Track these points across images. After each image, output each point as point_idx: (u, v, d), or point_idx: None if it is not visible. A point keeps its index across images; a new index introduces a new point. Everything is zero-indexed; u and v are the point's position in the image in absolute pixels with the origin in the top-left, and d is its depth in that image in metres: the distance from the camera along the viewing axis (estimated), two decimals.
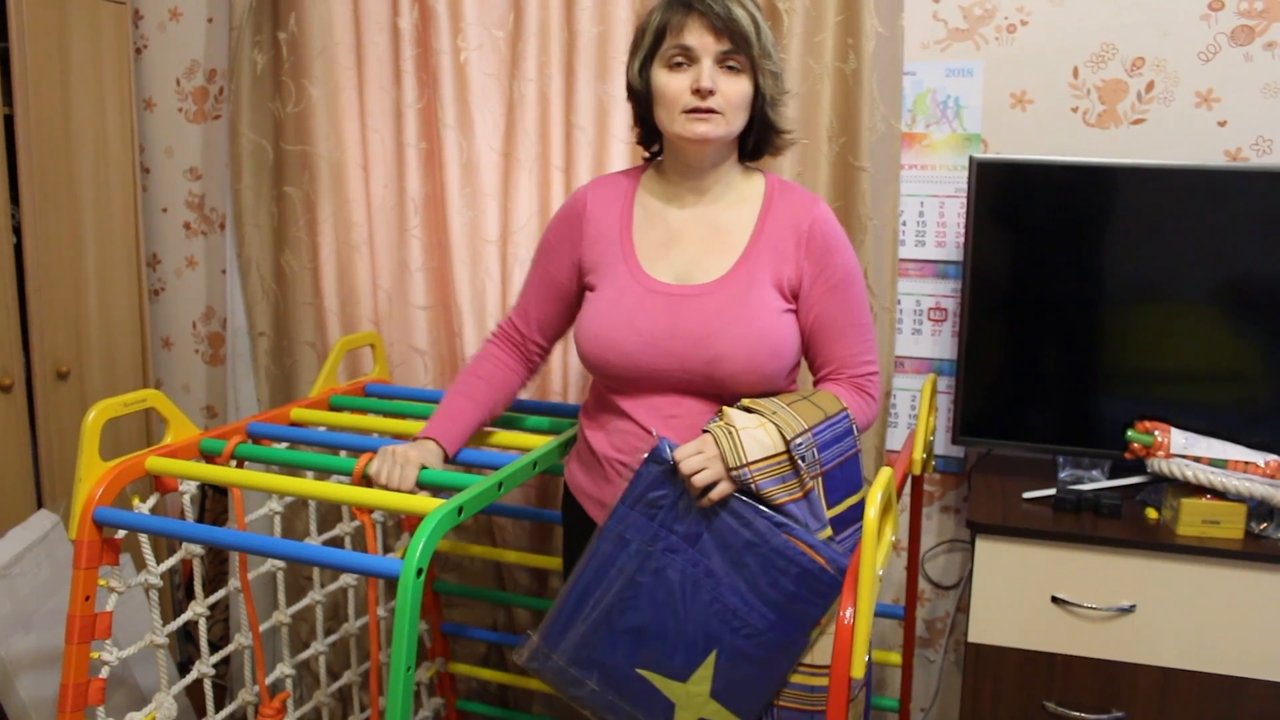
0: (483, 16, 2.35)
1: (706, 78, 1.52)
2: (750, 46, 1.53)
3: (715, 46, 1.52)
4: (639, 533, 1.51)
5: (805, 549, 1.46)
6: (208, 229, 2.83)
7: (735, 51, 1.53)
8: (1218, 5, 2.07)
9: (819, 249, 1.59)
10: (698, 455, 1.46)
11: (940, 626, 2.44)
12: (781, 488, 1.47)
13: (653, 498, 1.50)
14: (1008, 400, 2.11)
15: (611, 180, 1.74)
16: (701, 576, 1.49)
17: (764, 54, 1.55)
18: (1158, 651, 1.87)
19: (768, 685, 1.53)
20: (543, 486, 2.48)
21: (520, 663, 1.61)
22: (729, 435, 1.45)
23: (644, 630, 1.52)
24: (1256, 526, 1.85)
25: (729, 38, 1.52)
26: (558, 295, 1.75)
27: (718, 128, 1.55)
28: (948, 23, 2.21)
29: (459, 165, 2.38)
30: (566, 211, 1.74)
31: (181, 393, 2.92)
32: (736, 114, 1.56)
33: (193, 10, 2.73)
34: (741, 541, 1.48)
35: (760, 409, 1.50)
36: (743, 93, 1.55)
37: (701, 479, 1.45)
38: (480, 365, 1.81)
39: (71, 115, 2.48)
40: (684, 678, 1.53)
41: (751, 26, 1.53)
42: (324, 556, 1.49)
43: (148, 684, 2.39)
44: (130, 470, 1.68)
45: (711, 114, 1.54)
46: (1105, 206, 2.00)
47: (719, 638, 1.50)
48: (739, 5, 1.53)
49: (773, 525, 1.46)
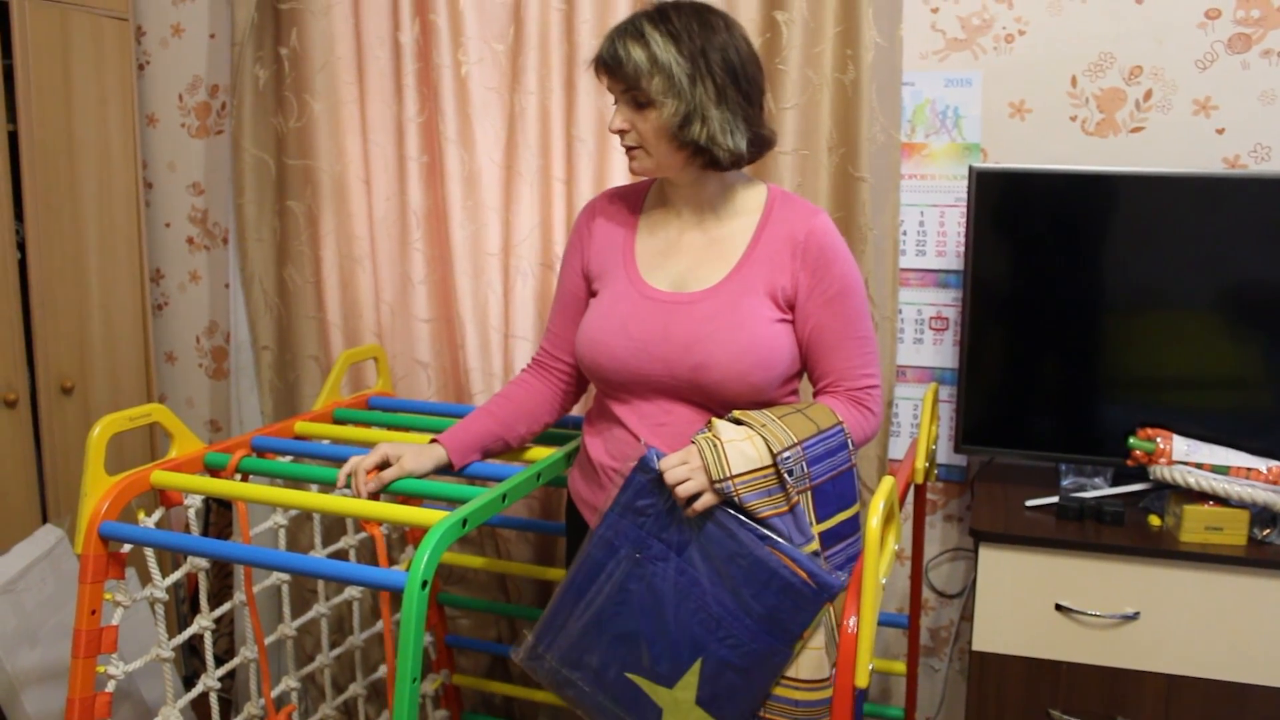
0: (483, 30, 2.37)
1: (614, 120, 1.59)
2: (642, 80, 1.53)
3: (615, 87, 1.58)
4: (627, 539, 1.52)
5: (788, 562, 1.46)
6: (211, 243, 2.84)
7: (631, 89, 1.55)
8: (1215, 14, 2.08)
9: (815, 260, 1.59)
10: (682, 466, 1.46)
11: (944, 635, 2.44)
12: (766, 501, 1.47)
13: (640, 505, 1.51)
14: (1010, 409, 2.12)
15: (622, 191, 1.77)
16: (688, 585, 1.50)
17: (663, 86, 1.52)
18: (1162, 658, 1.87)
19: (751, 696, 1.53)
20: (546, 498, 2.48)
21: (516, 660, 1.64)
22: (714, 448, 1.45)
23: (632, 635, 1.54)
24: (1259, 533, 1.86)
25: (621, 80, 1.56)
26: (577, 310, 1.76)
27: (643, 162, 1.60)
28: (946, 33, 2.22)
29: (460, 178, 2.39)
30: (577, 224, 1.79)
31: (185, 407, 2.93)
32: (655, 146, 1.57)
33: (195, 26, 2.74)
34: (725, 552, 1.48)
35: (750, 421, 1.50)
36: (652, 126, 1.56)
37: (686, 489, 1.46)
38: (507, 387, 1.84)
39: (75, 131, 2.49)
40: (670, 684, 1.53)
41: (645, 61, 1.52)
42: (329, 569, 1.50)
43: (153, 698, 2.39)
44: (135, 484, 1.69)
45: (633, 150, 1.60)
46: (1104, 215, 2.00)
47: (704, 646, 1.51)
48: (635, 42, 1.54)
49: (756, 538, 1.47)
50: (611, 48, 1.55)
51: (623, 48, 1.54)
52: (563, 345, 1.80)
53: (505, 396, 1.81)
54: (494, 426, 1.78)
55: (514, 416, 1.80)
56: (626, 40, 1.54)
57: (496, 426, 1.78)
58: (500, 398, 1.81)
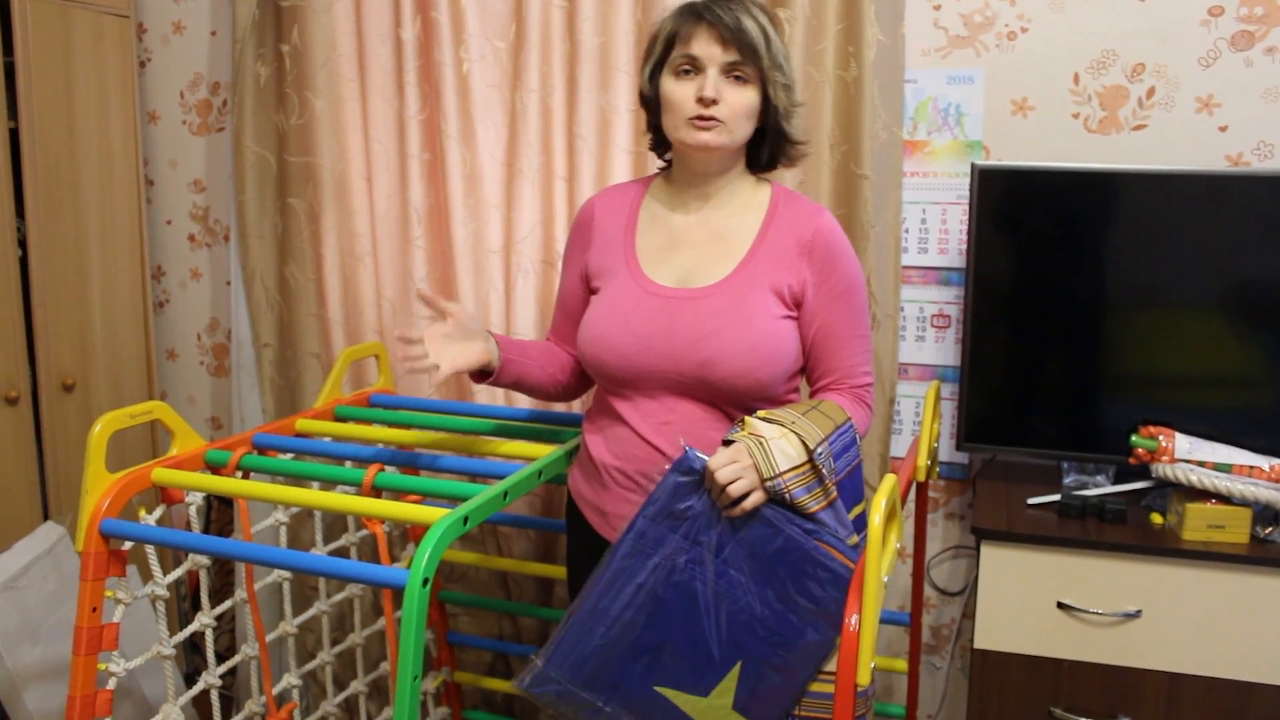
0: (485, 28, 2.36)
1: (710, 87, 1.53)
2: (758, 58, 1.54)
3: (722, 57, 1.54)
4: (662, 546, 1.48)
5: (837, 554, 1.47)
6: (212, 241, 2.83)
7: (742, 62, 1.54)
8: (1218, 11, 2.08)
9: (822, 258, 1.60)
10: (733, 465, 1.44)
11: (946, 633, 2.44)
12: (810, 496, 1.47)
13: (679, 510, 1.47)
14: (1012, 406, 2.12)
15: (620, 188, 1.77)
16: (727, 587, 1.48)
17: (773, 65, 1.56)
18: (1164, 657, 1.87)
19: (790, 694, 1.53)
20: (548, 496, 2.48)
21: (520, 688, 1.56)
22: (760, 446, 1.44)
23: (664, 647, 1.50)
24: (1262, 531, 1.85)
25: (736, 48, 1.53)
26: (578, 307, 1.75)
27: (720, 136, 1.56)
28: (948, 30, 2.22)
29: (462, 176, 2.39)
30: (576, 222, 1.78)
31: (186, 404, 2.93)
32: (740, 123, 1.57)
33: (196, 24, 2.74)
34: (772, 549, 1.47)
35: (779, 419, 1.49)
36: (747, 103, 1.56)
37: (738, 488, 1.43)
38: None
39: (76, 129, 2.49)
40: (706, 692, 1.51)
41: (761, 38, 1.54)
42: (330, 567, 1.49)
43: (154, 695, 2.39)
44: (137, 482, 1.69)
45: (714, 122, 1.55)
46: (1107, 212, 2.00)
47: (745, 648, 1.49)
48: (749, 16, 1.54)
49: (804, 532, 1.46)
50: (731, 15, 1.53)
51: (743, 17, 1.53)
52: (567, 341, 1.80)
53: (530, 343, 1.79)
54: (536, 351, 1.77)
55: (545, 353, 1.79)
56: (742, 12, 1.53)
57: (537, 353, 1.77)
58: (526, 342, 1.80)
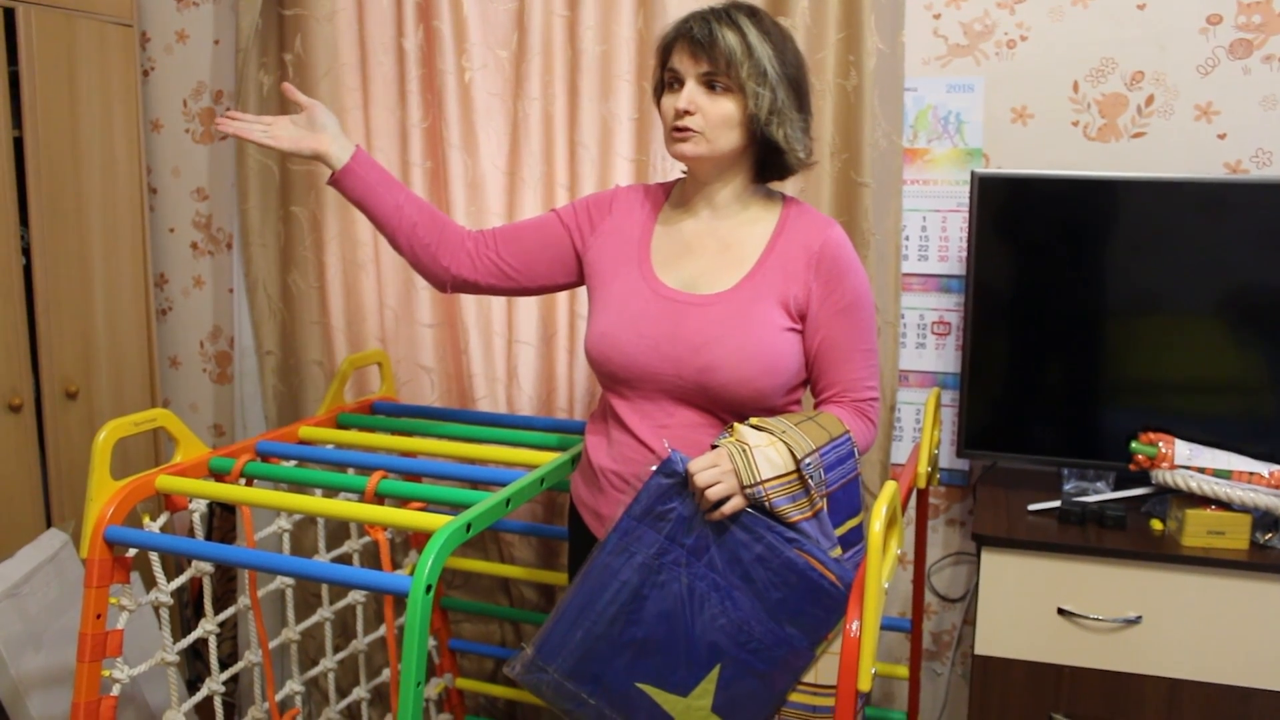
0: (487, 37, 2.37)
1: (683, 99, 1.57)
2: (733, 68, 1.54)
3: (694, 69, 1.57)
4: (645, 546, 1.50)
5: (817, 565, 1.47)
6: (215, 249, 2.84)
7: (715, 73, 1.56)
8: (1216, 19, 2.09)
9: (829, 271, 1.60)
10: (713, 469, 1.46)
11: (947, 639, 2.44)
12: (793, 506, 1.48)
13: (661, 510, 1.50)
14: (1012, 413, 2.12)
15: (644, 187, 1.78)
16: (708, 590, 1.50)
17: (754, 74, 1.55)
18: (1164, 662, 1.87)
19: (769, 701, 1.53)
20: (550, 503, 2.48)
21: (512, 675, 1.60)
22: (743, 453, 1.46)
23: (646, 644, 1.52)
24: (1261, 537, 1.86)
25: (708, 60, 1.55)
26: (531, 237, 1.76)
27: (697, 146, 1.58)
28: (948, 39, 2.23)
29: (464, 184, 2.40)
30: (597, 197, 1.78)
31: (189, 412, 2.93)
32: (718, 133, 1.58)
33: (199, 32, 2.75)
34: (751, 555, 1.48)
35: (769, 427, 1.50)
36: (722, 113, 1.57)
37: (716, 492, 1.45)
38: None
39: (80, 137, 2.50)
40: (685, 692, 1.52)
41: (740, 48, 1.54)
42: (333, 574, 1.50)
43: (157, 702, 2.40)
44: (140, 489, 1.70)
45: (689, 133, 1.58)
46: (1106, 219, 2.01)
47: (724, 651, 1.50)
48: (731, 27, 1.55)
49: (784, 540, 1.47)
50: (705, 27, 1.55)
51: (717, 29, 1.55)
52: (509, 241, 1.76)
53: (414, 196, 1.75)
54: (399, 191, 1.72)
55: (424, 212, 1.74)
56: (720, 23, 1.55)
57: (413, 200, 1.73)
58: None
